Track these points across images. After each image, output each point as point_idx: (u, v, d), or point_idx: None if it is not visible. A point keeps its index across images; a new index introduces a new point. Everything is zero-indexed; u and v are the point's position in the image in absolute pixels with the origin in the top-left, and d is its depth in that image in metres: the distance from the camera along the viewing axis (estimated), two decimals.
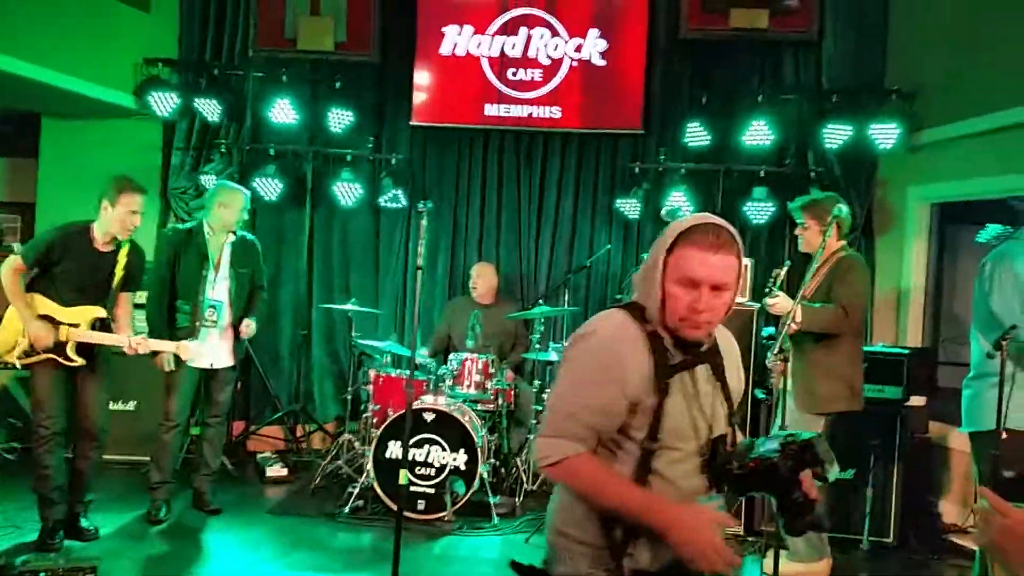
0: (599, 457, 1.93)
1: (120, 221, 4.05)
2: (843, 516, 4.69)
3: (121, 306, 4.23)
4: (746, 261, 4.89)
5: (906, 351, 4.90)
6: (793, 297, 3.92)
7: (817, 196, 4.31)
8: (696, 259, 1.84)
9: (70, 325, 3.98)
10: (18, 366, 4.00)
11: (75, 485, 4.18)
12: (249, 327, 4.79)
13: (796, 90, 5.98)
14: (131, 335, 4.07)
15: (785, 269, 4.03)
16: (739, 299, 4.77)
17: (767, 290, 4.01)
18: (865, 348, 4.89)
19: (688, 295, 1.85)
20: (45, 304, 3.98)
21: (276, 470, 5.60)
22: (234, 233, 4.76)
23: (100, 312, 4.09)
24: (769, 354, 3.77)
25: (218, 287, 4.66)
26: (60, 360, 3.97)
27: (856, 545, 4.68)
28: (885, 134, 5.50)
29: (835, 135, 5.63)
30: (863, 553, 4.66)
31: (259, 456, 5.86)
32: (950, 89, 5.34)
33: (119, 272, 4.13)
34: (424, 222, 3.63)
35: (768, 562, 4.15)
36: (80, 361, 4.02)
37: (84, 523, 4.22)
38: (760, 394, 4.81)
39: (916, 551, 4.72)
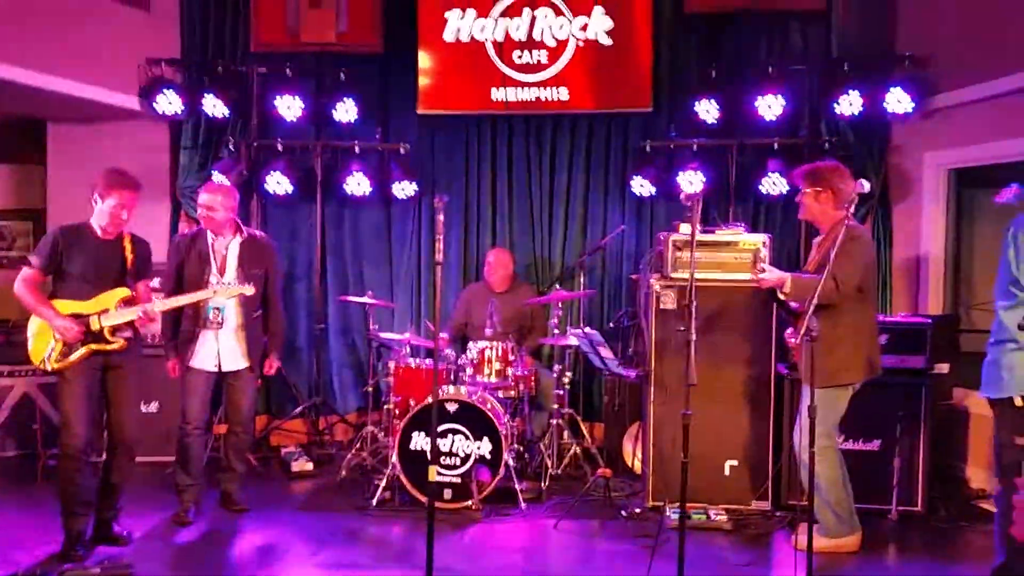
0: None
1: (108, 216, 4.00)
2: (870, 487, 4.66)
3: (142, 293, 4.18)
4: (762, 237, 4.85)
5: (928, 320, 4.87)
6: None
7: (819, 164, 4.33)
8: None
9: (98, 313, 3.98)
10: (51, 368, 3.96)
11: (107, 495, 4.18)
12: (273, 366, 4.79)
13: (806, 60, 5.91)
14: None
15: (766, 249, 4.03)
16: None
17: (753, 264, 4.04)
18: (885, 319, 4.90)
19: None
20: (67, 305, 3.97)
21: (301, 464, 5.62)
22: (241, 232, 4.72)
23: (125, 292, 4.06)
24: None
25: None
26: (101, 348, 3.97)
27: (884, 515, 4.68)
28: (898, 101, 5.43)
29: (847, 104, 5.57)
30: (892, 523, 4.65)
31: (283, 451, 5.88)
32: (965, 52, 5.27)
33: (129, 258, 4.10)
34: (441, 217, 3.58)
35: (798, 538, 4.15)
36: (121, 342, 4.02)
37: (116, 528, 4.24)
38: (784, 370, 4.79)
39: (945, 519, 4.72)
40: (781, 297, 4.09)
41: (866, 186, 3.77)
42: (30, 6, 5.47)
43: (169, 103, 6.03)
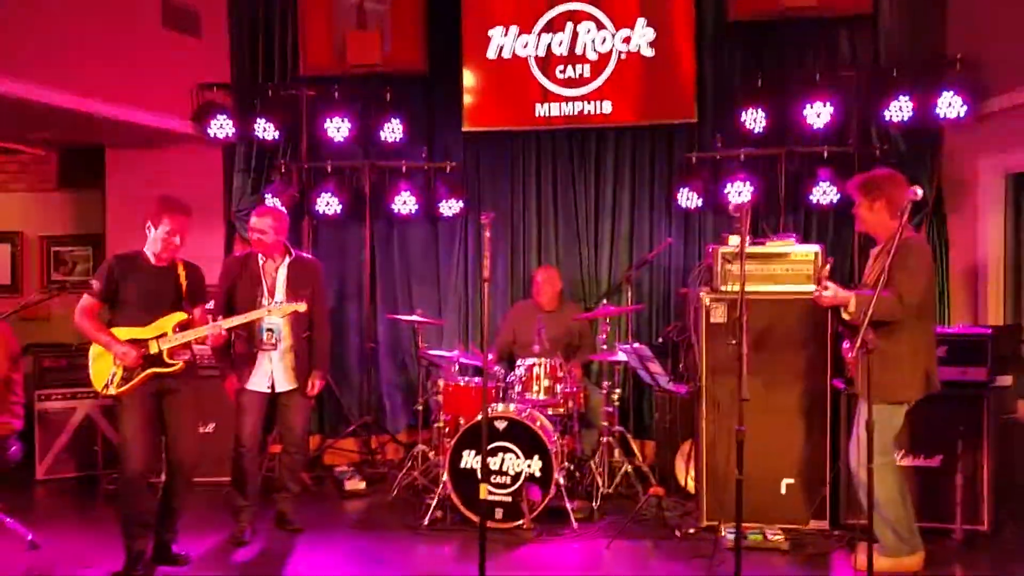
0: None
1: (162, 242, 4.09)
2: (933, 505, 4.53)
3: (198, 318, 4.27)
4: (815, 247, 4.76)
5: (989, 330, 4.72)
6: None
7: (873, 173, 4.22)
8: None
9: (155, 338, 4.07)
10: (112, 393, 4.04)
11: (166, 517, 4.26)
12: (316, 386, 4.79)
13: (853, 67, 5.81)
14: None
15: (829, 267, 3.99)
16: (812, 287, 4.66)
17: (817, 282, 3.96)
18: (944, 330, 4.77)
19: None
20: (125, 332, 4.07)
21: (354, 484, 5.68)
22: (289, 254, 4.79)
23: (181, 316, 4.14)
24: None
25: None
26: (160, 371, 4.06)
27: (948, 534, 4.52)
28: (950, 105, 5.31)
29: (897, 110, 5.46)
30: (956, 543, 4.49)
31: (336, 470, 5.95)
32: (1019, 52, 5.12)
33: (183, 284, 4.18)
34: (488, 234, 3.60)
35: (859, 557, 4.05)
36: (180, 364, 4.11)
37: (175, 548, 4.31)
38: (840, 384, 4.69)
39: (1013, 538, 4.56)
40: (844, 316, 4.00)
41: (919, 193, 3.69)
42: (88, 36, 5.66)
43: (221, 127, 6.19)
